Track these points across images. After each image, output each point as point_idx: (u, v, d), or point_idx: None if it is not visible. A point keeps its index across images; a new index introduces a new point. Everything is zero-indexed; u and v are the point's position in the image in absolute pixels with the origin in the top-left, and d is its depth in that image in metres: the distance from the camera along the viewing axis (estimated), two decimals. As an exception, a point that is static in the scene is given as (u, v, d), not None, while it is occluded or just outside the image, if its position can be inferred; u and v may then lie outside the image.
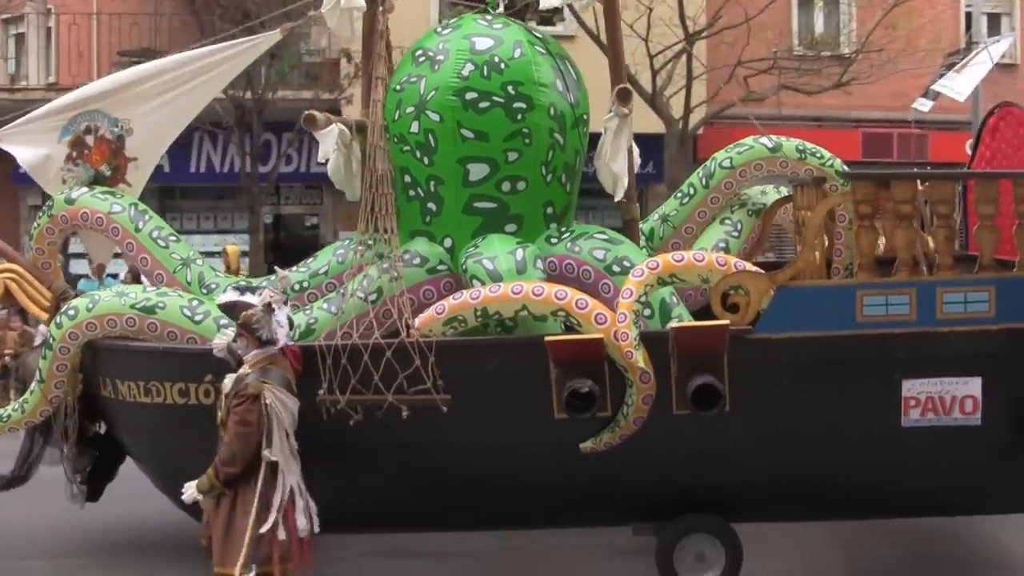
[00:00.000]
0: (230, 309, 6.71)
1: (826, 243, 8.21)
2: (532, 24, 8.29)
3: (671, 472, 7.13)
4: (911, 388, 6.90)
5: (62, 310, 7.54)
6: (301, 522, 6.45)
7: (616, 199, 7.69)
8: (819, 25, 22.42)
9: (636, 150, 8.52)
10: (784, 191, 8.85)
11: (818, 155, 8.47)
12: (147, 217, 8.01)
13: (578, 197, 8.22)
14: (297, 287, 7.79)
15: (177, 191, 21.36)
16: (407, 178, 7.74)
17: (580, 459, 7.00)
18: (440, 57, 7.56)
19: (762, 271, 7.07)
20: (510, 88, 7.44)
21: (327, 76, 19.77)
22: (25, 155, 8.08)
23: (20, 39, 20.91)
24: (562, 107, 7.64)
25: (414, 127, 7.56)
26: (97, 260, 8.50)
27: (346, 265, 7.65)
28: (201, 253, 8.44)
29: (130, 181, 8.25)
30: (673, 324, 6.92)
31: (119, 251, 8.29)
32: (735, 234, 8.53)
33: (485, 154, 7.49)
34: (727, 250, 8.39)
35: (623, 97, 7.15)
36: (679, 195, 8.75)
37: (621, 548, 7.93)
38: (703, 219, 8.66)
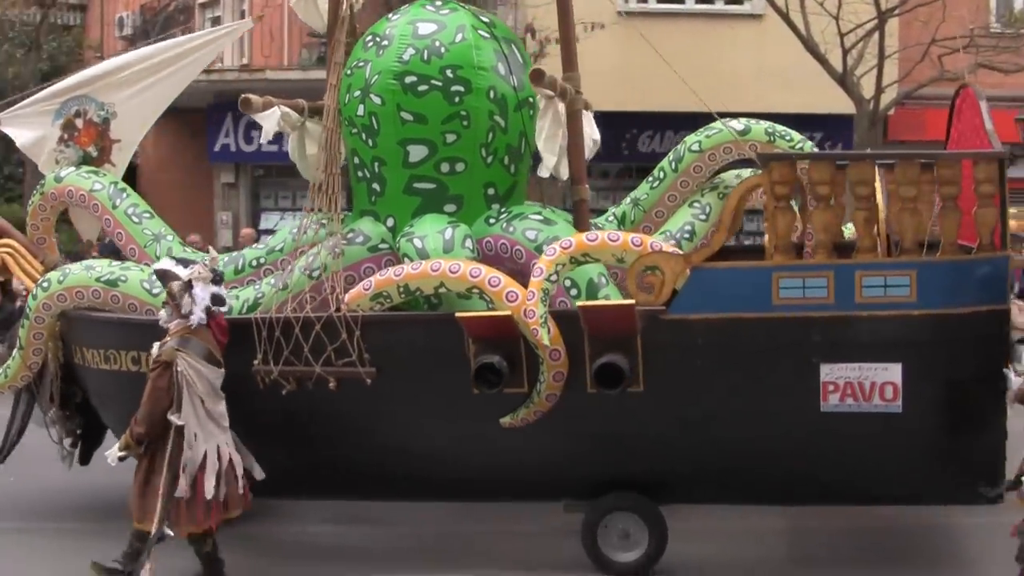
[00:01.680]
0: (161, 277, 7.08)
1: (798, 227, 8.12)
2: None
3: (592, 450, 7.20)
4: (829, 373, 6.80)
5: (37, 283, 8.09)
6: (209, 485, 6.76)
7: (541, 175, 7.77)
8: (1018, 1, 21.31)
9: (597, 136, 8.60)
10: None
11: (787, 137, 8.37)
12: (124, 195, 8.48)
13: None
14: (255, 263, 8.15)
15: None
16: (356, 159, 8.00)
17: (503, 435, 7.14)
18: (385, 42, 7.79)
19: (678, 251, 7.08)
20: (448, 72, 7.61)
21: None
22: (22, 137, 8.67)
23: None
24: (503, 90, 7.77)
25: (360, 110, 7.80)
26: (85, 237, 9.00)
27: (301, 242, 7.96)
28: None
29: (114, 161, 8.75)
30: (580, 303, 6.99)
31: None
32: (703, 217, 8.48)
33: (424, 136, 7.68)
34: (693, 233, 8.37)
35: (534, 79, 7.23)
36: (650, 179, 8.76)
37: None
38: (673, 202, 8.65)
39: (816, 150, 8.32)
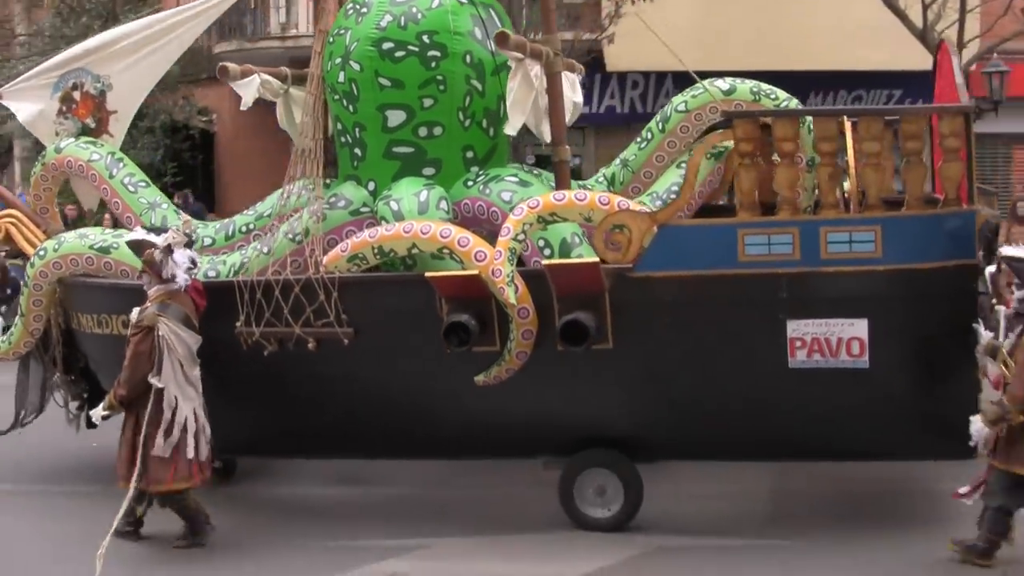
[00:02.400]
0: (136, 247, 7.28)
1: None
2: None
3: (565, 407, 7.30)
4: (796, 329, 6.83)
5: (35, 251, 8.35)
6: (190, 445, 6.97)
7: (510, 133, 7.85)
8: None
9: (579, 98, 8.65)
10: None
11: (772, 96, 8.35)
12: (121, 165, 8.70)
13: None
14: (244, 229, 8.33)
15: None
16: (339, 125, 8.15)
17: (479, 392, 7.26)
18: (364, 10, 7.90)
19: (646, 210, 7.14)
20: (425, 37, 7.70)
21: (588, 16, 19.22)
22: (22, 110, 8.94)
23: None
24: (480, 55, 7.85)
25: (341, 77, 7.93)
26: (86, 206, 9.24)
27: (288, 207, 8.12)
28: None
29: (112, 132, 8.98)
30: (547, 261, 7.08)
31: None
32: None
33: (402, 101, 7.79)
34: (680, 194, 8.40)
35: (499, 42, 7.31)
36: (639, 140, 8.79)
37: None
38: (661, 163, 8.67)
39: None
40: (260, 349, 7.51)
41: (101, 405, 7.23)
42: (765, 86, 8.48)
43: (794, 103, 8.42)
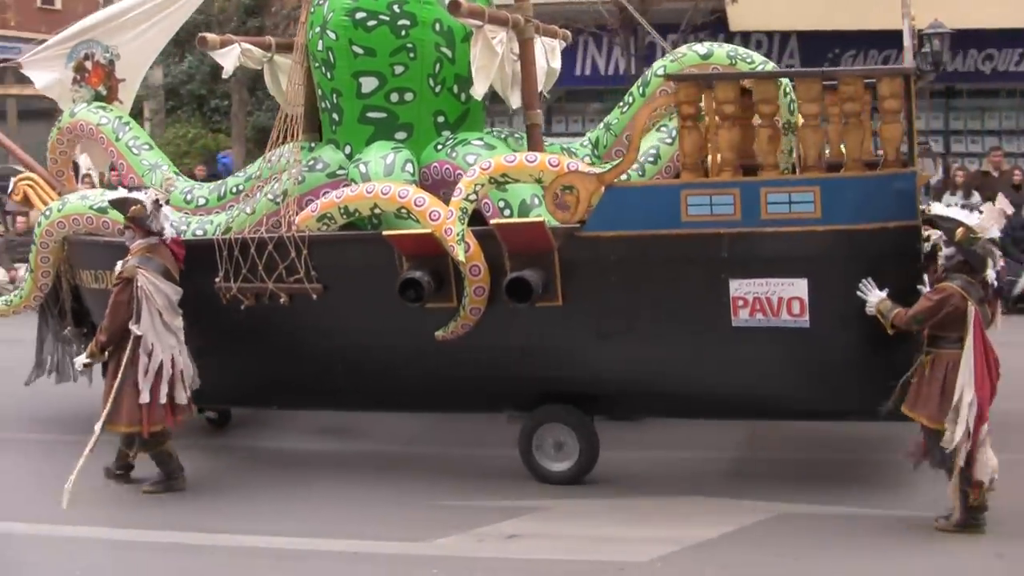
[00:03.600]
0: (120, 205, 7.71)
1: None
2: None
3: (520, 363, 7.53)
4: (738, 288, 6.94)
5: (42, 211, 8.87)
6: (163, 390, 7.39)
7: (476, 97, 8.08)
8: None
9: (556, 64, 8.83)
10: None
11: (748, 60, 8.42)
12: (127, 128, 9.17)
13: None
14: (235, 190, 8.73)
15: (563, 94, 20.75)
16: (320, 92, 8.48)
17: (440, 348, 7.54)
18: None
19: (594, 171, 7.31)
20: (395, 7, 7.97)
21: None
22: (41, 79, 9.46)
23: None
24: (450, 22, 8.06)
25: (320, 45, 8.25)
26: (97, 168, 9.76)
27: (273, 170, 8.49)
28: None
29: (122, 99, 9.47)
30: (495, 220, 7.31)
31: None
32: (668, 141, 8.57)
33: (374, 68, 8.08)
34: (658, 156, 8.50)
35: (452, 10, 7.53)
36: (621, 104, 8.93)
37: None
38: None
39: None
40: (238, 303, 7.91)
41: (84, 353, 7.71)
42: (742, 50, 8.55)
43: (770, 66, 8.50)
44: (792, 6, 17.96)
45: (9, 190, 9.53)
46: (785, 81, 7.74)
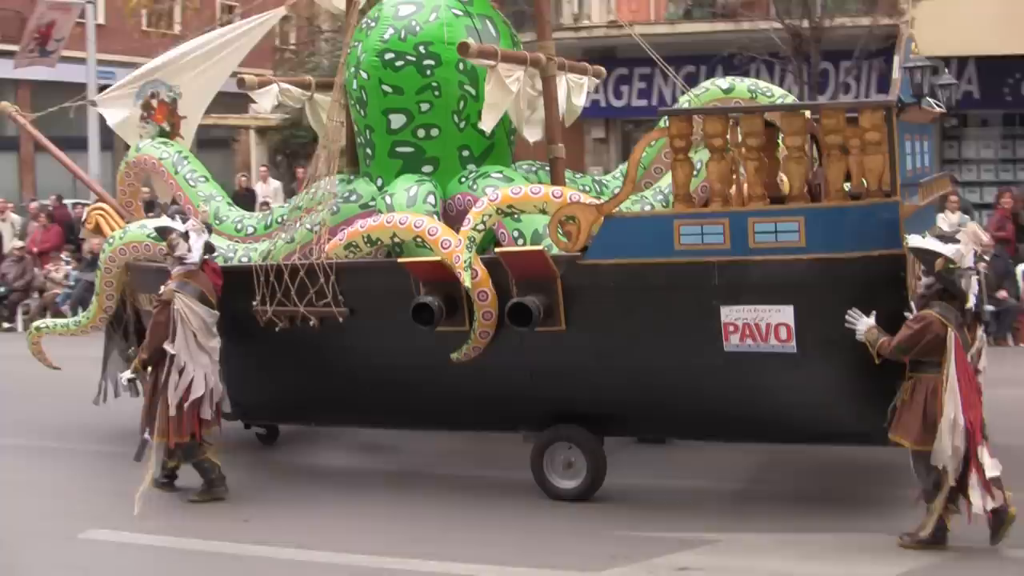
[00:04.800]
0: (161, 232, 8.37)
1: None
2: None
3: (530, 385, 7.93)
4: (728, 314, 7.23)
5: (107, 239, 9.63)
6: (193, 405, 7.97)
7: (484, 130, 8.47)
8: None
9: (579, 99, 9.24)
10: None
11: (768, 93, 8.73)
12: (186, 162, 9.87)
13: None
14: (279, 220, 9.34)
15: None
16: (356, 127, 9.05)
17: (455, 369, 7.99)
18: (372, 24, 8.79)
19: (594, 202, 7.69)
20: (421, 48, 8.50)
21: (886, 0, 18.78)
22: (113, 116, 10.26)
23: None
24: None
25: (354, 84, 8.84)
26: (161, 199, 10.49)
27: (314, 201, 9.07)
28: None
29: (183, 135, 10.20)
30: (499, 249, 7.74)
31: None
32: (694, 173, 8.96)
33: (402, 105, 8.63)
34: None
35: (460, 51, 8.01)
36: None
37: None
38: (669, 159, 9.15)
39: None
40: (274, 326, 8.49)
41: (128, 369, 8.38)
42: (762, 84, 8.88)
43: (789, 99, 8.76)
44: (970, 30, 16.83)
45: (83, 219, 10.35)
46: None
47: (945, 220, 14.07)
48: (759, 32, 18.39)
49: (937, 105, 8.59)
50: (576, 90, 9.24)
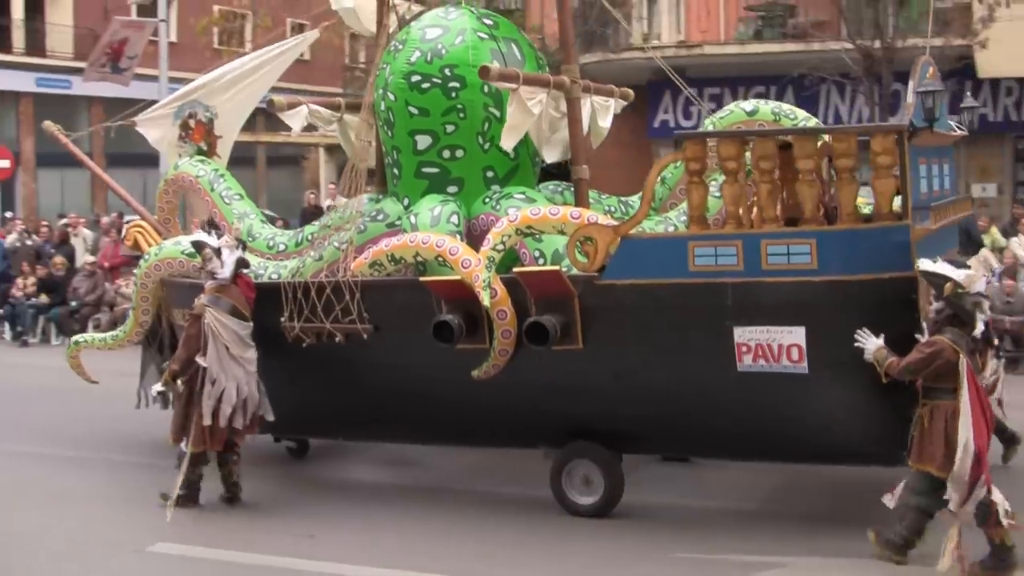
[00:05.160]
0: (197, 247, 8.62)
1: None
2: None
3: (549, 402, 8.07)
4: (742, 335, 7.34)
5: (143, 255, 9.92)
6: (225, 414, 8.22)
7: (505, 148, 8.63)
8: None
9: (605, 121, 9.40)
10: None
11: (792, 116, 8.82)
12: (222, 179, 10.15)
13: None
14: (309, 238, 9.57)
15: None
16: (384, 148, 9.26)
17: (476, 386, 8.15)
18: (400, 47, 9.00)
19: (611, 223, 7.82)
20: (447, 70, 8.69)
21: (958, 21, 18.84)
22: (152, 135, 10.59)
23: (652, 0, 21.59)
24: None
25: (382, 106, 9.06)
26: (199, 217, 10.76)
27: (343, 220, 9.28)
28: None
29: (219, 154, 10.49)
30: (517, 268, 7.90)
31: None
32: (716, 194, 9.04)
33: (428, 127, 8.82)
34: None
35: (481, 75, 8.19)
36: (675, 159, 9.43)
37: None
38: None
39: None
40: (301, 341, 8.70)
41: (160, 381, 8.63)
42: (786, 107, 8.97)
43: (813, 122, 8.85)
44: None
45: (122, 235, 10.66)
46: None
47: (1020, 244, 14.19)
48: (830, 53, 18.38)
49: (959, 128, 8.69)
50: (602, 112, 9.40)
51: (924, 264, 6.82)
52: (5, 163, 25.25)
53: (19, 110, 31.49)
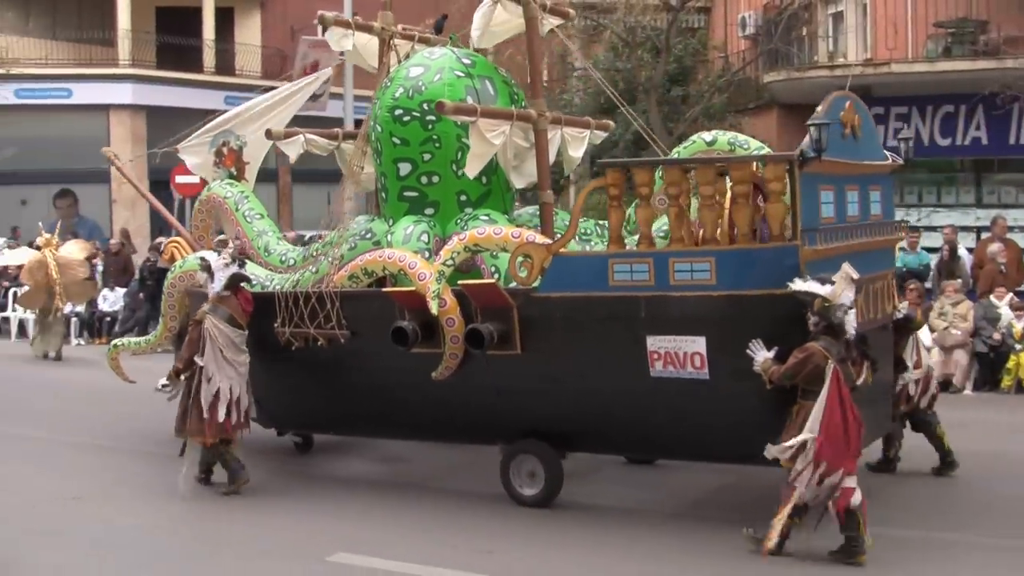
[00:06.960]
0: (205, 265, 9.80)
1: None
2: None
3: (498, 402, 8.95)
4: (653, 344, 8.11)
5: (171, 268, 11.18)
6: (221, 411, 9.32)
7: (468, 176, 9.59)
8: None
9: (576, 151, 10.26)
10: None
11: (745, 146, 9.57)
12: (246, 201, 11.34)
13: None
14: (313, 253, 10.67)
15: (995, 163, 20.38)
16: (375, 174, 10.32)
17: (437, 386, 9.08)
18: (388, 84, 10.06)
19: (545, 242, 8.67)
20: (424, 105, 9.70)
21: None
22: (192, 162, 11.87)
23: (838, 17, 21.29)
24: None
25: (373, 136, 10.13)
26: (228, 236, 11.94)
27: (338, 239, 10.34)
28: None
29: (247, 178, 11.70)
30: (462, 281, 8.82)
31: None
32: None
33: (408, 156, 9.85)
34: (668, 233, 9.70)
35: (438, 109, 9.14)
36: None
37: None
38: (663, 205, 10.04)
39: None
40: (291, 345, 9.79)
41: (164, 377, 9.82)
42: (741, 137, 9.76)
43: (765, 150, 9.56)
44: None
45: (160, 250, 11.97)
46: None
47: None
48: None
49: (894, 157, 9.31)
50: (574, 143, 10.28)
51: (796, 284, 7.50)
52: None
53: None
